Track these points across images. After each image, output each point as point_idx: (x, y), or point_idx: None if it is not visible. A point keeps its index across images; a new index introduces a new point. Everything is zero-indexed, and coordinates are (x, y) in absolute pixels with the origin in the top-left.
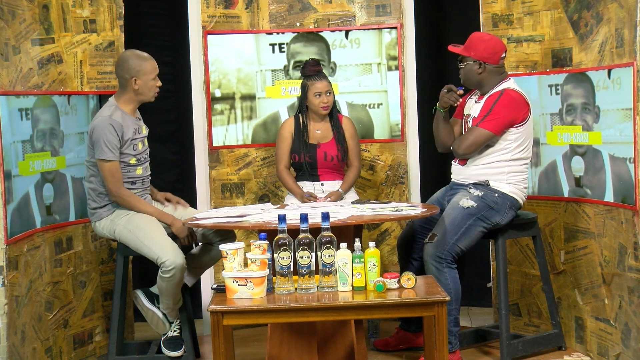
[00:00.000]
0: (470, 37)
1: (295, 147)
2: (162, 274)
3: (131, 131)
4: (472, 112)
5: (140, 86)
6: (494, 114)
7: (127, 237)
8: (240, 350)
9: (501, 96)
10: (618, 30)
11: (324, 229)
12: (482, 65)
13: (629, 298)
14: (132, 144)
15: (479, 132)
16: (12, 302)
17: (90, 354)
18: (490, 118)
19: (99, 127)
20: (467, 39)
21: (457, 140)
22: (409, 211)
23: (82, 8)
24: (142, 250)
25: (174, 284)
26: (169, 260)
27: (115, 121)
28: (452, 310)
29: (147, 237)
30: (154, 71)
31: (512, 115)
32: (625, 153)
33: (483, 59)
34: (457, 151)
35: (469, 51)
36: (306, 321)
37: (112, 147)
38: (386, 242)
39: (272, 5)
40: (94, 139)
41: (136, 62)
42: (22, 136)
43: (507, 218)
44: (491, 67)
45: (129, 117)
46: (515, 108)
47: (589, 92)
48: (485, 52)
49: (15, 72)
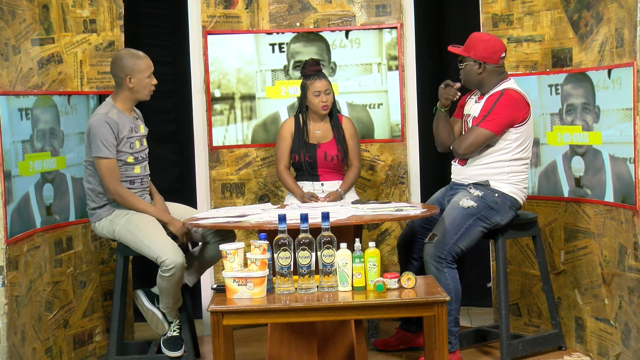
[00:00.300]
0: (470, 37)
1: (295, 147)
2: (162, 273)
3: (127, 129)
4: (472, 112)
5: (135, 84)
6: (494, 113)
7: (126, 236)
8: (240, 350)
9: (502, 96)
10: (618, 30)
11: (324, 229)
12: (482, 65)
13: (629, 298)
14: (128, 142)
15: (479, 132)
16: (12, 302)
17: (90, 354)
18: (490, 118)
19: (94, 125)
20: (467, 39)
21: (457, 140)
22: (409, 211)
23: (82, 8)
24: (141, 249)
25: (174, 283)
26: (169, 259)
27: (110, 119)
28: (452, 311)
29: (147, 236)
30: (148, 69)
31: (513, 115)
32: (625, 153)
33: (483, 59)
34: (457, 151)
35: (468, 51)
36: (306, 321)
37: (108, 144)
38: (386, 242)
39: (272, 5)
40: (90, 137)
41: (130, 60)
42: (22, 136)
43: (507, 218)
44: (491, 67)
45: (125, 115)
46: (515, 108)
47: (589, 92)
48: (485, 52)
49: (15, 72)
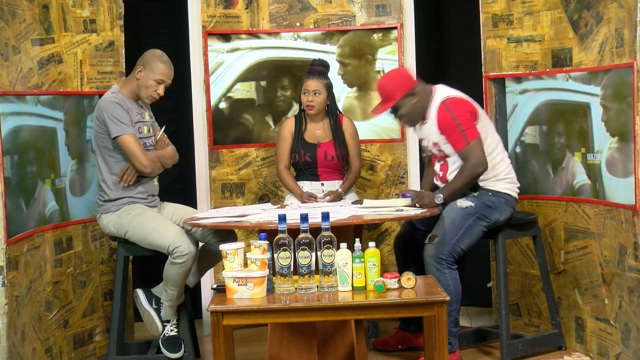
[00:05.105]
0: (379, 88)
1: (295, 147)
2: (174, 260)
3: (134, 113)
4: (427, 136)
5: (141, 78)
6: (462, 124)
7: (135, 228)
8: (240, 350)
9: (449, 107)
10: (618, 30)
11: (324, 229)
12: (411, 94)
13: (629, 298)
14: (137, 126)
15: (473, 145)
16: (12, 302)
17: (90, 354)
18: (464, 128)
19: (106, 107)
20: (379, 93)
21: (470, 166)
22: (410, 211)
23: (82, 8)
24: (150, 240)
25: (184, 272)
26: (183, 246)
27: (119, 100)
28: (452, 311)
29: (159, 226)
30: (161, 75)
31: (470, 111)
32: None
33: (406, 90)
34: (479, 170)
35: (392, 98)
36: (306, 321)
37: (125, 121)
38: (386, 242)
39: (272, 5)
40: (105, 118)
41: (152, 58)
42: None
43: (505, 214)
44: (417, 88)
45: (130, 101)
46: (466, 105)
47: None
48: (401, 84)
49: (15, 72)
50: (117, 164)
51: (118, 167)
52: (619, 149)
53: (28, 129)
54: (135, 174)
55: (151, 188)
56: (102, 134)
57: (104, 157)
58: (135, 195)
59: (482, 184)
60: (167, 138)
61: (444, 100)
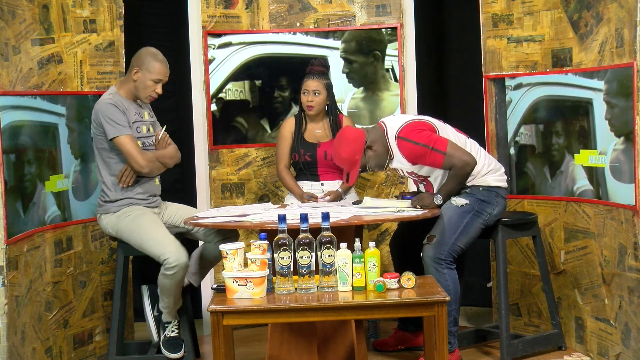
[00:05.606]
0: (337, 157)
1: (295, 147)
2: (165, 271)
3: (132, 113)
4: (400, 167)
5: (138, 79)
6: (428, 143)
7: (130, 234)
8: (240, 350)
9: (407, 138)
10: (618, 30)
11: (324, 229)
12: (368, 147)
13: (629, 298)
14: (134, 126)
15: (450, 151)
16: (12, 302)
17: (90, 354)
18: (433, 145)
19: (102, 109)
20: (341, 165)
21: (459, 170)
22: (410, 212)
23: (82, 8)
24: (145, 247)
25: (176, 282)
26: (172, 258)
27: (116, 101)
28: (451, 311)
29: (151, 234)
30: (157, 74)
31: (424, 128)
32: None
33: (362, 149)
34: (468, 169)
35: (354, 163)
36: (306, 321)
37: (121, 122)
38: (386, 242)
39: (272, 5)
40: (102, 120)
41: (147, 57)
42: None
43: (499, 207)
44: (368, 138)
45: (128, 101)
46: (419, 126)
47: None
48: (354, 146)
49: (15, 72)
50: (116, 165)
51: (117, 168)
52: (625, 150)
53: (26, 124)
54: (133, 175)
55: (152, 188)
56: (100, 136)
57: (103, 158)
58: (135, 196)
59: (470, 184)
60: (168, 137)
61: (398, 135)
